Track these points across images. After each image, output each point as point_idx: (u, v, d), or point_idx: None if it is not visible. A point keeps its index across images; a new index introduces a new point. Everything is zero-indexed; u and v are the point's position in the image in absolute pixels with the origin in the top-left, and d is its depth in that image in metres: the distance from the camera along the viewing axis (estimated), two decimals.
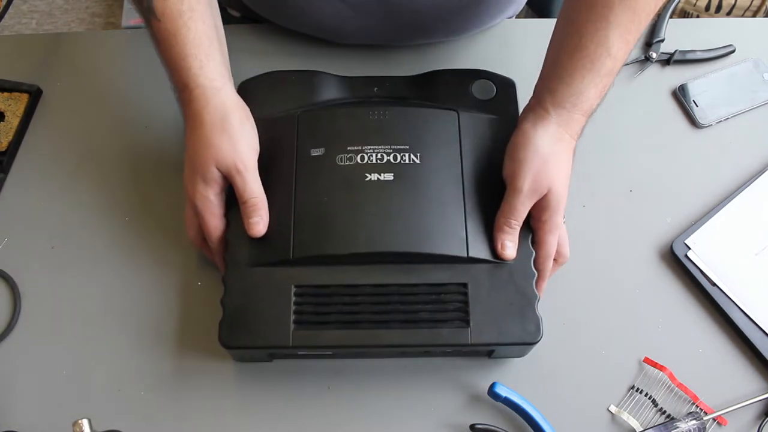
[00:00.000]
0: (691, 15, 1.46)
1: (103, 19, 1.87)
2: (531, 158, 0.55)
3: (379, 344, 0.54)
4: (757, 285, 0.62)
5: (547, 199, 0.55)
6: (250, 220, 0.56)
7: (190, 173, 0.57)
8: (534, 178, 0.55)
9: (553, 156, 0.55)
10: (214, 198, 0.57)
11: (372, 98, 0.66)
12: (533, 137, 0.56)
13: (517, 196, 0.55)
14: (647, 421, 0.58)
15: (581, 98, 0.56)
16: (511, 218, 0.55)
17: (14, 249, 0.64)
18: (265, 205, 0.57)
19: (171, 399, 0.58)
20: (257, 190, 0.56)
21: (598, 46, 0.54)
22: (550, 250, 0.57)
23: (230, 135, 0.56)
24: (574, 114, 0.56)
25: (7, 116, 0.70)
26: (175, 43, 0.56)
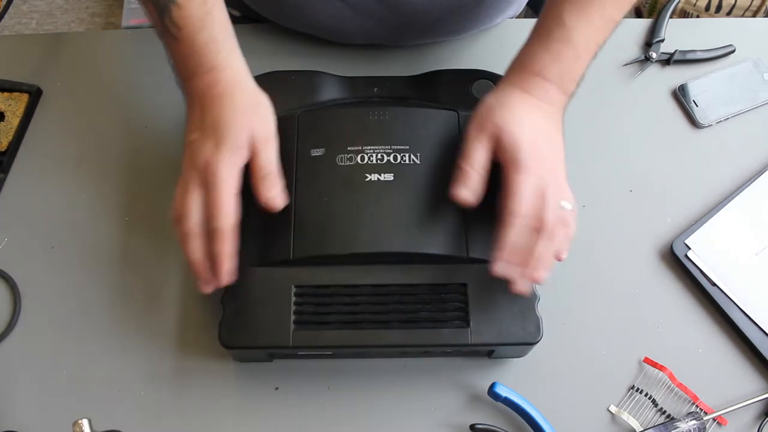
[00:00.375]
0: (691, 15, 1.46)
1: (103, 19, 1.87)
2: (478, 110, 0.57)
3: (379, 344, 0.54)
4: (757, 285, 0.62)
5: (501, 140, 0.54)
6: (271, 193, 0.54)
7: (215, 144, 0.53)
8: (478, 122, 0.56)
9: (499, 102, 0.56)
10: (238, 171, 0.53)
11: (372, 98, 0.66)
12: (484, 99, 0.58)
13: (465, 141, 0.56)
14: (647, 421, 0.58)
15: (530, 59, 0.58)
16: (461, 161, 0.55)
17: (14, 249, 0.64)
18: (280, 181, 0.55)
19: (171, 399, 0.58)
20: (278, 165, 0.55)
21: (551, 19, 0.58)
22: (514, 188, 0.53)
23: (263, 111, 0.56)
24: (524, 73, 0.58)
25: (7, 116, 0.70)
26: (203, 26, 0.56)
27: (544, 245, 0.52)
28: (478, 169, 0.55)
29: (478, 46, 0.76)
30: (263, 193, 0.54)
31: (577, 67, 0.58)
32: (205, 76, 0.56)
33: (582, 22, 0.57)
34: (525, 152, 0.54)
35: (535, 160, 0.54)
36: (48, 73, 0.73)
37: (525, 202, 0.52)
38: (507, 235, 0.52)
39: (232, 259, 0.52)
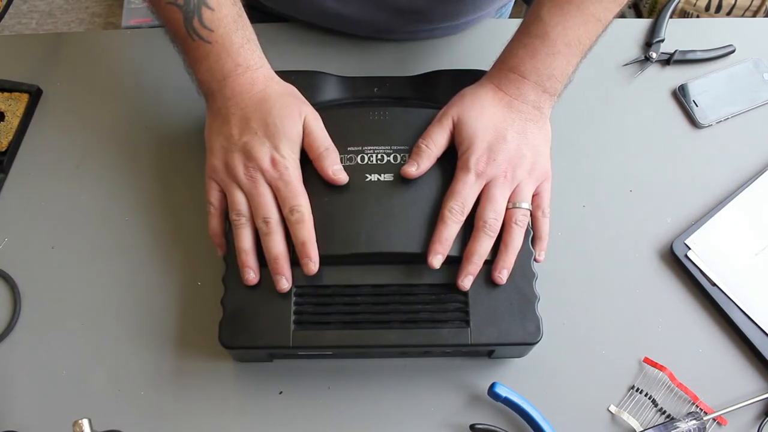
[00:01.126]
0: (691, 15, 1.46)
1: (103, 19, 1.87)
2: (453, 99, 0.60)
3: (379, 344, 0.54)
4: (757, 285, 0.62)
5: (458, 130, 0.57)
6: (335, 167, 0.56)
7: (274, 142, 0.55)
8: (446, 108, 0.59)
9: (469, 94, 0.59)
10: (298, 162, 0.56)
11: (372, 98, 0.66)
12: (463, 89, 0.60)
13: (431, 123, 0.58)
14: (647, 421, 0.58)
15: (506, 55, 0.60)
16: (420, 139, 0.58)
17: (14, 249, 0.64)
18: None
19: (171, 399, 0.58)
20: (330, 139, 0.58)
21: (531, 13, 0.59)
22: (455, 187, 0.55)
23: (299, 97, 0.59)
24: (500, 69, 0.59)
25: (7, 116, 0.70)
26: (237, 28, 0.57)
27: (476, 245, 0.54)
28: (432, 147, 0.57)
29: (477, 46, 0.76)
30: (329, 166, 0.56)
31: (557, 64, 0.58)
32: (242, 77, 0.57)
33: (560, 18, 0.57)
34: (476, 150, 0.55)
35: (484, 158, 0.55)
36: (48, 73, 0.73)
37: (459, 200, 0.55)
38: (439, 230, 0.54)
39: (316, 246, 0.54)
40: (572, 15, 0.57)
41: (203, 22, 0.56)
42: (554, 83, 0.58)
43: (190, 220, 0.65)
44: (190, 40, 0.57)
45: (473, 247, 0.54)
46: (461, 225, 0.55)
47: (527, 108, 0.58)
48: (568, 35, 0.58)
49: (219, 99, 0.57)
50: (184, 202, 0.66)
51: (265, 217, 0.54)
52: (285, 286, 0.54)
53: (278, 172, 0.55)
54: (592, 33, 0.59)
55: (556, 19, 0.57)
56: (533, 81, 0.58)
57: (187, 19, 0.56)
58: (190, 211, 0.65)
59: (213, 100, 0.58)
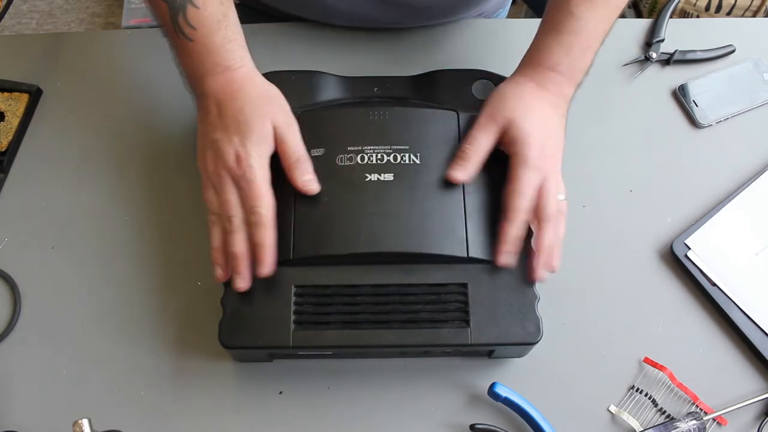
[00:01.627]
0: (691, 15, 1.46)
1: (103, 19, 1.87)
2: (493, 97, 0.60)
3: (379, 344, 0.54)
4: (757, 285, 0.62)
5: (510, 131, 0.57)
6: (304, 178, 0.56)
7: (240, 139, 0.54)
8: (490, 110, 0.58)
9: (513, 94, 0.59)
10: (267, 160, 0.55)
11: (372, 98, 0.66)
12: (499, 86, 0.61)
13: (475, 126, 0.58)
14: (647, 421, 0.58)
15: (544, 54, 0.60)
16: (464, 142, 0.58)
17: (14, 249, 0.64)
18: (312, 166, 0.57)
19: (171, 399, 0.58)
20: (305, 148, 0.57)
21: (560, 10, 0.59)
22: (518, 185, 0.55)
23: (279, 100, 0.58)
24: (539, 68, 0.60)
25: (7, 116, 0.70)
26: (219, 28, 0.57)
27: (550, 236, 0.56)
28: (478, 152, 0.57)
29: (477, 46, 0.76)
30: (298, 177, 0.56)
31: (586, 58, 0.60)
32: (220, 76, 0.57)
33: (590, 13, 0.59)
34: (531, 148, 0.56)
35: (539, 156, 0.56)
36: (48, 73, 0.73)
37: (526, 198, 0.55)
38: (508, 230, 0.55)
39: (274, 249, 0.54)
40: (601, 8, 0.59)
41: (188, 19, 0.56)
42: (583, 75, 0.61)
43: (190, 220, 0.65)
44: (176, 35, 0.58)
45: (547, 240, 0.55)
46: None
47: (563, 103, 0.60)
48: (598, 28, 0.60)
49: (200, 96, 0.58)
50: (184, 202, 0.66)
51: (229, 216, 0.54)
52: (241, 285, 0.54)
53: (242, 170, 0.54)
54: (612, 22, 0.61)
55: (587, 14, 0.59)
56: (569, 77, 0.60)
57: (173, 15, 0.57)
58: (190, 210, 0.65)
59: (197, 97, 0.59)
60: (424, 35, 0.76)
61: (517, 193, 0.55)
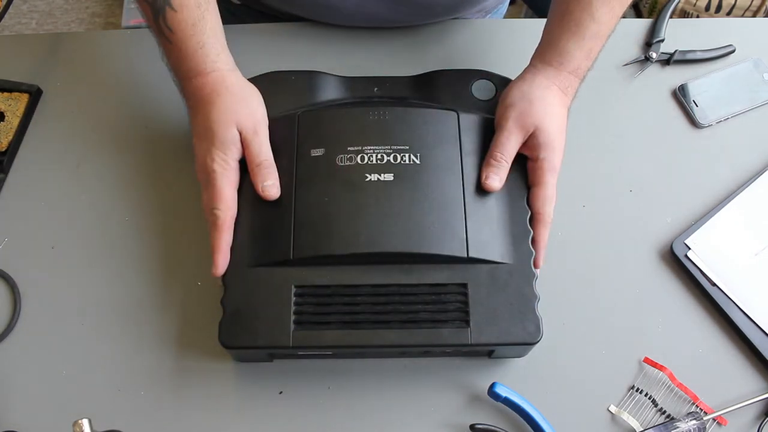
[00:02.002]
0: (691, 15, 1.46)
1: (103, 19, 1.87)
2: (518, 100, 0.60)
3: (379, 344, 0.54)
4: (757, 285, 0.62)
5: (536, 137, 0.58)
6: (265, 183, 0.57)
7: (207, 145, 0.57)
8: (519, 115, 0.59)
9: (539, 99, 0.59)
10: (233, 163, 0.57)
11: (372, 98, 0.66)
12: (521, 85, 0.61)
13: (502, 131, 0.59)
14: (647, 421, 0.58)
15: (567, 57, 0.60)
16: (496, 151, 0.59)
17: (14, 249, 0.64)
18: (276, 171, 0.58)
19: (171, 399, 0.58)
20: (270, 153, 0.58)
21: (582, 11, 0.59)
22: (550, 191, 0.58)
23: (248, 104, 0.59)
24: (561, 72, 0.61)
25: (7, 116, 0.70)
26: (194, 33, 0.58)
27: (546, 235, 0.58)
28: (509, 159, 0.59)
29: (478, 46, 0.76)
30: (257, 182, 0.57)
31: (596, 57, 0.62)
32: (193, 81, 0.59)
33: (609, 15, 0.60)
34: (557, 154, 0.58)
35: (560, 160, 0.59)
36: (48, 73, 0.73)
37: (554, 202, 0.58)
38: (546, 234, 0.58)
39: (225, 252, 0.56)
40: (617, 8, 0.60)
41: (166, 22, 0.58)
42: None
43: (190, 220, 0.65)
44: (159, 36, 0.59)
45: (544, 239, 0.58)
46: None
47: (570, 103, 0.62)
48: (610, 29, 0.61)
49: (184, 98, 0.61)
50: (184, 202, 0.66)
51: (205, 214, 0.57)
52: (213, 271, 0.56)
53: (206, 175, 0.57)
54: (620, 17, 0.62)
55: (606, 16, 0.60)
56: (582, 79, 0.62)
57: (155, 16, 0.58)
58: (190, 210, 0.65)
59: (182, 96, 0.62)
60: (424, 35, 0.76)
61: (549, 200, 0.58)
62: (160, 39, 0.59)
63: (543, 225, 0.58)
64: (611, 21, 0.60)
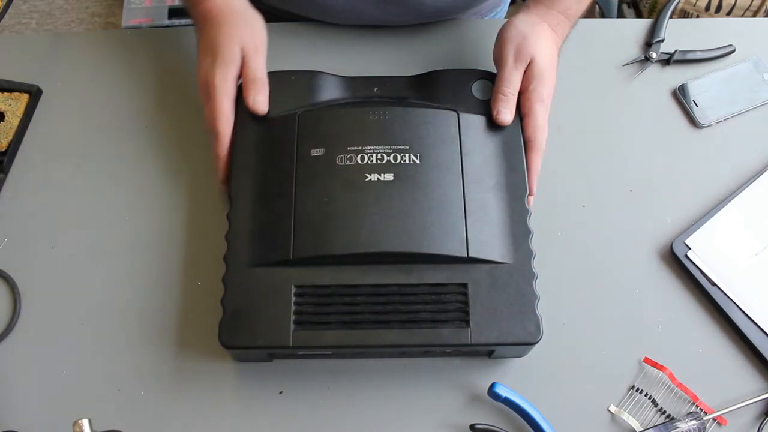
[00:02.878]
0: (691, 15, 1.46)
1: (103, 19, 1.88)
2: (513, 35, 0.64)
3: (379, 344, 0.54)
4: (757, 285, 0.62)
5: (531, 69, 0.62)
6: (256, 97, 0.60)
7: (211, 62, 0.60)
8: (517, 49, 0.63)
9: (532, 33, 0.63)
10: (232, 80, 0.60)
11: (372, 98, 0.66)
12: (514, 21, 0.65)
13: (505, 67, 0.63)
14: (647, 421, 0.58)
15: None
16: (503, 86, 0.62)
17: (14, 249, 0.64)
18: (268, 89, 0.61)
19: (171, 399, 0.58)
20: (265, 72, 0.62)
21: None
22: (540, 120, 0.61)
23: (251, 25, 0.63)
24: (552, 10, 0.65)
25: (7, 116, 0.70)
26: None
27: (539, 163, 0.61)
28: (515, 92, 0.62)
29: (477, 45, 0.76)
30: (248, 96, 0.60)
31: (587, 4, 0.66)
32: (201, 5, 0.63)
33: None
34: (547, 86, 0.62)
35: (550, 93, 0.62)
36: (48, 73, 0.73)
37: (546, 131, 0.61)
38: (538, 160, 0.61)
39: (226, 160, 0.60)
40: None
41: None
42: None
43: (191, 220, 0.65)
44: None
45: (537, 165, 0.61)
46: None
47: (561, 44, 0.66)
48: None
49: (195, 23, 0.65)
50: (184, 202, 0.66)
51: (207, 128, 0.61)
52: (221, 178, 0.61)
53: (207, 89, 0.60)
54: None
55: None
56: (571, 22, 0.66)
57: None
58: (190, 210, 0.65)
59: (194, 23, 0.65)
60: (424, 35, 0.76)
61: (540, 128, 0.61)
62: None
63: (534, 151, 0.61)
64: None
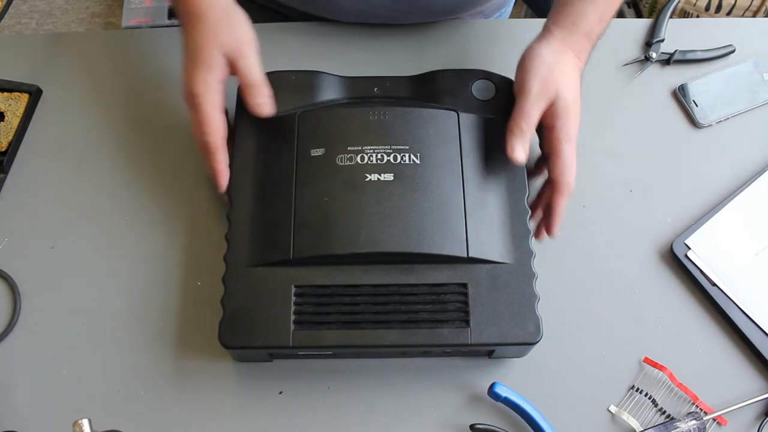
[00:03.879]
0: (691, 15, 1.46)
1: (103, 19, 1.88)
2: (537, 66, 0.59)
3: (379, 344, 0.54)
4: (757, 285, 0.62)
5: (555, 105, 0.58)
6: (257, 100, 0.58)
7: (191, 67, 0.57)
8: (541, 81, 0.58)
9: (557, 64, 0.59)
10: (215, 84, 0.57)
11: (372, 98, 0.66)
12: (538, 50, 0.60)
13: (526, 99, 0.58)
14: (647, 421, 0.58)
15: (581, 18, 0.60)
16: (521, 121, 0.58)
17: (14, 249, 0.64)
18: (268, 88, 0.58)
19: (171, 399, 0.58)
20: (259, 71, 0.58)
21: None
22: (568, 160, 0.57)
23: (234, 27, 0.59)
24: (575, 34, 0.60)
25: (7, 116, 0.70)
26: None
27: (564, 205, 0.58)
28: (533, 129, 0.58)
29: (477, 45, 0.76)
30: (249, 100, 0.58)
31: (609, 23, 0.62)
32: (185, 4, 0.59)
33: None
34: (573, 122, 0.58)
35: (576, 128, 0.58)
36: (48, 73, 0.73)
37: (574, 172, 0.57)
38: (563, 204, 0.58)
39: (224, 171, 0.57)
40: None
41: None
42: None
43: (191, 220, 0.65)
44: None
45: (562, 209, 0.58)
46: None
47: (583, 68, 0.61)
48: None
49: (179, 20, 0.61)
50: (183, 202, 0.66)
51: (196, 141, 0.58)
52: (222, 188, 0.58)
53: (191, 98, 0.57)
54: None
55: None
56: (593, 44, 0.61)
57: None
58: (190, 210, 0.65)
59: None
60: (424, 35, 0.76)
61: (568, 169, 0.57)
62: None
63: (561, 195, 0.57)
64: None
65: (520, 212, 0.58)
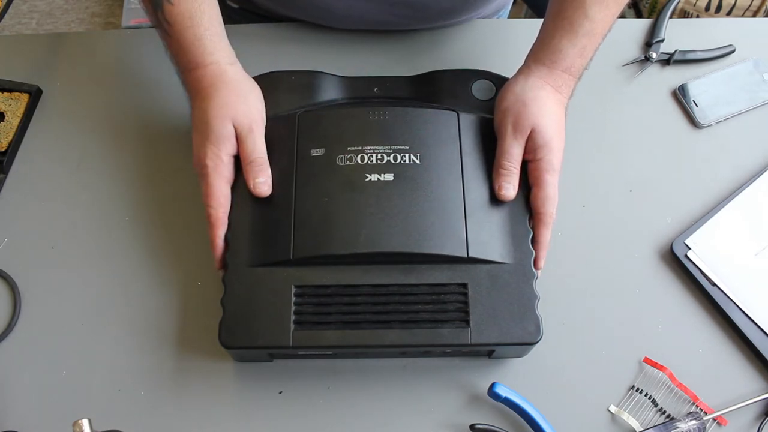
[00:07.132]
0: (691, 15, 1.46)
1: (103, 19, 1.88)
2: (512, 103, 0.59)
3: (379, 344, 0.54)
4: (757, 285, 0.62)
5: (533, 138, 0.58)
6: (256, 179, 0.57)
7: (202, 139, 0.57)
8: (515, 119, 0.59)
9: (533, 100, 0.59)
10: (226, 158, 0.57)
11: (372, 98, 0.66)
12: (513, 87, 0.61)
13: (504, 138, 0.59)
14: (647, 421, 0.58)
15: (559, 55, 0.60)
16: (503, 160, 0.58)
17: (14, 249, 0.64)
18: (269, 169, 0.58)
19: (171, 399, 0.58)
20: (264, 151, 0.58)
21: (576, 9, 0.59)
22: (550, 191, 0.57)
23: (246, 99, 0.59)
24: (555, 70, 0.60)
25: (7, 116, 0.70)
26: (191, 24, 0.58)
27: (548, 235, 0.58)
28: (517, 166, 0.58)
29: (477, 46, 0.76)
30: (249, 179, 0.58)
31: (591, 56, 0.61)
32: (192, 73, 0.59)
33: (603, 14, 0.59)
34: (555, 153, 0.58)
35: (559, 160, 0.59)
36: (48, 73, 0.73)
37: (556, 202, 0.58)
38: (547, 234, 0.57)
39: (220, 246, 0.57)
40: (612, 8, 0.60)
41: (165, 15, 0.58)
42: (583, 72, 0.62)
43: (190, 220, 0.65)
44: (159, 29, 0.60)
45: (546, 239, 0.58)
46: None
47: (567, 103, 0.62)
48: (606, 28, 0.61)
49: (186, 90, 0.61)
50: (184, 202, 0.66)
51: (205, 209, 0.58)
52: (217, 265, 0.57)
53: (201, 169, 0.57)
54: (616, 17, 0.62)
55: (600, 14, 0.59)
56: (576, 77, 0.61)
57: (155, 10, 0.59)
58: (190, 210, 0.65)
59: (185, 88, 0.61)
60: (424, 36, 0.76)
61: (550, 200, 0.57)
62: (161, 32, 0.60)
63: (544, 225, 0.57)
64: (606, 19, 0.60)
65: (520, 212, 0.58)
